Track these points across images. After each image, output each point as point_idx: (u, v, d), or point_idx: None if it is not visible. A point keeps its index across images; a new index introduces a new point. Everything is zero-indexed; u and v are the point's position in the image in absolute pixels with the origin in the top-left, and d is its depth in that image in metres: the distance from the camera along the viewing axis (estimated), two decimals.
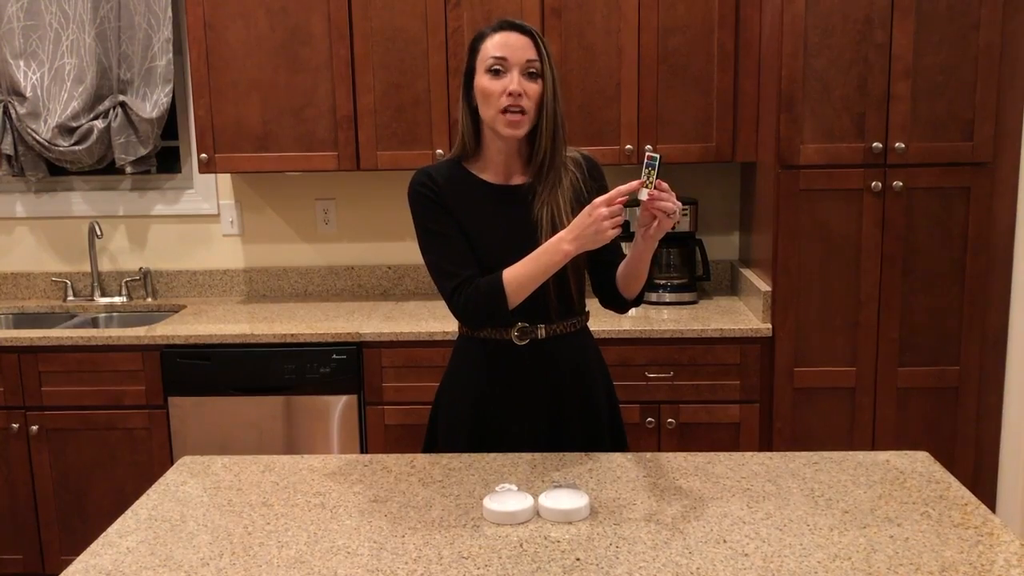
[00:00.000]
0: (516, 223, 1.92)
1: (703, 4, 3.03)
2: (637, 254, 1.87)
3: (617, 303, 2.03)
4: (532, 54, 1.86)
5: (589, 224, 1.74)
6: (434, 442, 2.12)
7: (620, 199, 1.72)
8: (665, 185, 1.73)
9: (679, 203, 1.75)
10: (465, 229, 1.93)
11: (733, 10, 3.03)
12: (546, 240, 1.84)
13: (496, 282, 1.85)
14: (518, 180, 1.97)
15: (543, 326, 1.96)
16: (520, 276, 1.84)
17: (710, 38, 3.05)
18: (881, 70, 2.75)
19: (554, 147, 1.91)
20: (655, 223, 1.76)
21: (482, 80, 1.88)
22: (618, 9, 3.04)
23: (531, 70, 1.86)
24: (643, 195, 1.72)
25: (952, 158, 2.79)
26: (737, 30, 3.05)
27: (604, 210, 1.72)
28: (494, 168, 1.97)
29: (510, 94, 1.84)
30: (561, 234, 1.80)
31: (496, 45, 1.86)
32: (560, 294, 1.94)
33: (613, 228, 1.73)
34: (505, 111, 1.85)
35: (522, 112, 1.86)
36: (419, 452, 2.06)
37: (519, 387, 2.00)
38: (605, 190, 1.88)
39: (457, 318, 1.97)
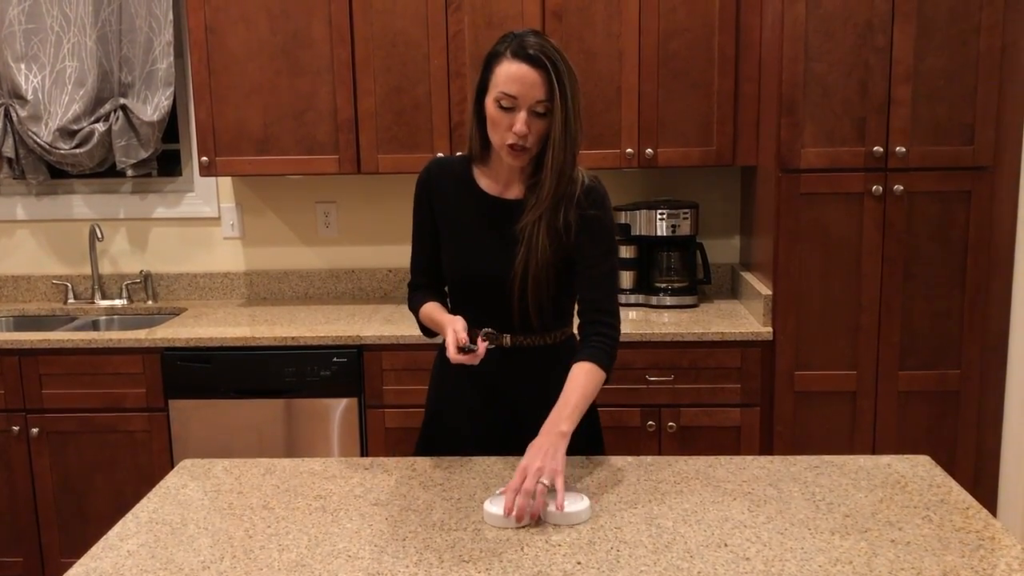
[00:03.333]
0: (496, 235, 1.93)
1: (704, 8, 3.03)
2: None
3: None
4: (542, 93, 1.79)
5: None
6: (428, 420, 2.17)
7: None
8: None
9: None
10: (449, 226, 2.00)
11: (733, 14, 3.03)
12: (520, 255, 1.88)
13: (415, 309, 2.07)
14: (513, 194, 1.96)
15: (508, 335, 1.97)
16: (427, 320, 2.03)
17: (711, 42, 3.05)
18: (882, 74, 2.76)
19: (557, 181, 1.86)
20: None
21: (491, 107, 1.84)
22: (619, 13, 3.04)
23: (539, 110, 1.81)
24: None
25: (953, 162, 2.79)
26: (738, 34, 3.05)
27: (451, 354, 1.80)
28: (495, 177, 1.97)
29: (516, 133, 1.82)
30: (449, 326, 1.84)
31: (509, 79, 1.80)
32: (522, 316, 1.93)
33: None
34: (511, 145, 1.84)
35: (525, 148, 1.84)
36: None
37: (479, 391, 2.02)
38: (596, 220, 1.90)
39: None
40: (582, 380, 1.83)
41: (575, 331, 1.99)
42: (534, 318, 1.93)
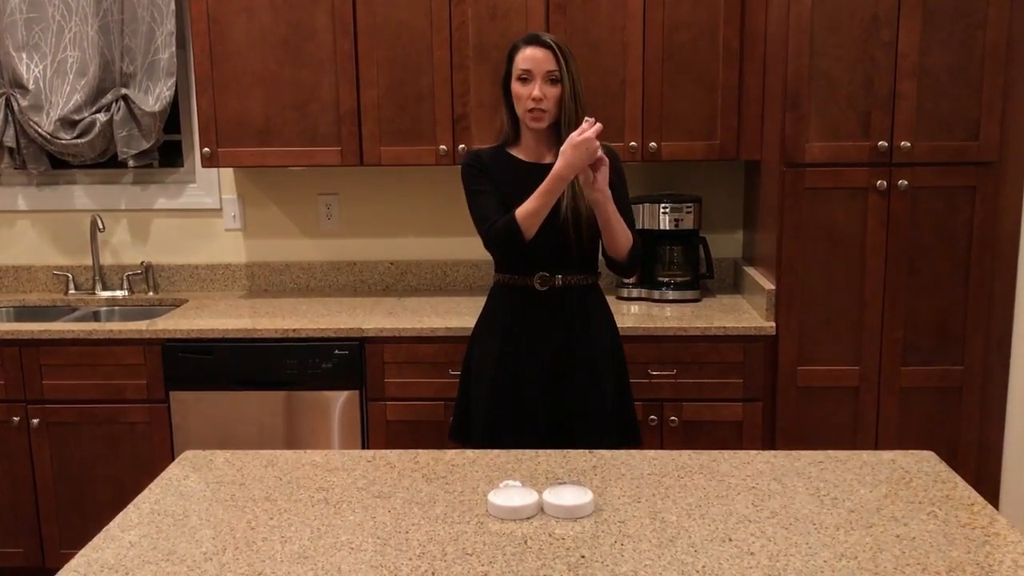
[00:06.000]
0: None
1: (709, 1, 3.02)
2: (596, 211, 2.34)
3: (613, 265, 2.46)
4: (552, 65, 2.34)
5: (571, 151, 2.21)
6: (468, 377, 2.54)
7: (587, 130, 2.21)
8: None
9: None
10: (502, 196, 2.41)
11: (739, 7, 3.02)
12: (567, 199, 2.33)
13: (511, 217, 2.33)
14: (547, 160, 2.41)
15: (560, 276, 2.41)
16: (528, 209, 2.30)
17: (715, 35, 3.04)
18: (887, 68, 2.74)
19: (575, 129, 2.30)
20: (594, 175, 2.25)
21: (515, 86, 2.39)
22: (623, 5, 3.03)
23: (551, 78, 2.35)
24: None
25: (957, 157, 2.78)
26: (742, 27, 3.04)
27: (577, 138, 2.20)
28: (528, 150, 2.47)
29: (533, 99, 2.34)
30: (555, 167, 2.25)
31: (524, 59, 2.36)
32: (579, 250, 2.39)
33: (589, 151, 2.21)
34: (531, 111, 2.36)
35: (543, 111, 2.36)
36: (421, 447, 2.05)
37: (537, 325, 2.43)
38: (618, 172, 2.40)
39: (489, 251, 2.45)
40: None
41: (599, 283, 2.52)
42: (587, 249, 2.41)
